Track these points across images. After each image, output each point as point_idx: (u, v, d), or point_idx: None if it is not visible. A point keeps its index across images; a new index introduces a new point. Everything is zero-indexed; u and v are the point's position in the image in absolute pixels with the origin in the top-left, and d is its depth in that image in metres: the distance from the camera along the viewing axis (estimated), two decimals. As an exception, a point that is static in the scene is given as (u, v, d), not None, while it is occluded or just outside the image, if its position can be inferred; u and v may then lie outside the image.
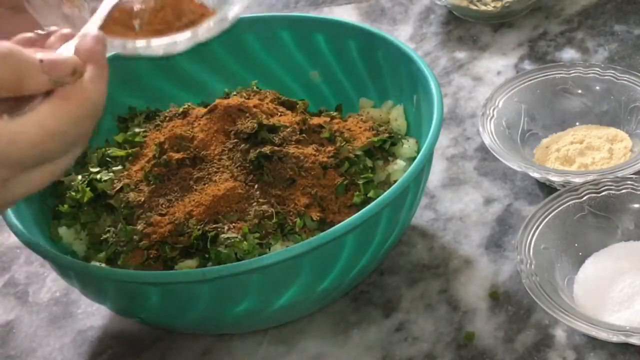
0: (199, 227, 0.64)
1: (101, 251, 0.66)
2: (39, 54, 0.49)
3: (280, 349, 0.67)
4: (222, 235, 0.64)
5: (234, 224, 0.64)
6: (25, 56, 0.49)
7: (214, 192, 0.66)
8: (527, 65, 0.91)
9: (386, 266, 0.72)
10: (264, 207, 0.65)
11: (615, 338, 0.60)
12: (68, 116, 0.49)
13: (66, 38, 0.53)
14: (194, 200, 0.66)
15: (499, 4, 0.97)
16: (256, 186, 0.67)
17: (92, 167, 0.72)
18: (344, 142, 0.70)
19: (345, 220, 0.59)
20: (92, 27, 0.54)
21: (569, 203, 0.70)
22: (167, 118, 0.74)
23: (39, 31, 0.54)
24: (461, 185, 0.79)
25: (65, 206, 0.69)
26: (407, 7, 1.05)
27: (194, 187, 0.67)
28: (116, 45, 0.57)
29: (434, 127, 0.66)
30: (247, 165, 0.67)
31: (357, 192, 0.67)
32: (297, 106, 0.75)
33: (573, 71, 0.82)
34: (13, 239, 0.76)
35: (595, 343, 0.64)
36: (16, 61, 0.48)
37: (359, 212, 0.60)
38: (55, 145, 0.49)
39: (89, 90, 0.50)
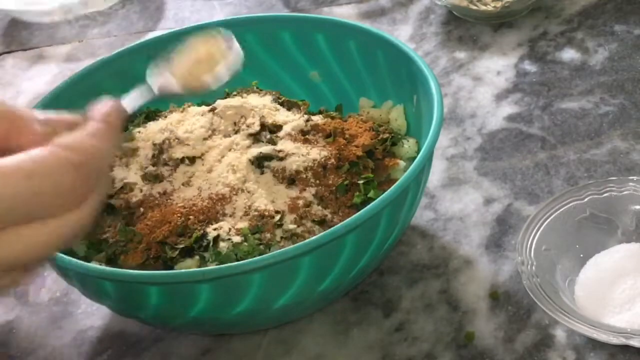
0: (199, 227, 0.64)
1: (101, 251, 0.66)
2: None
3: (280, 349, 0.67)
4: (222, 235, 0.64)
5: (234, 224, 0.64)
6: (17, 108, 0.48)
7: (214, 192, 0.66)
8: (527, 65, 0.91)
9: (386, 266, 0.72)
10: (264, 207, 0.65)
11: (615, 340, 0.60)
12: (56, 163, 0.45)
13: None
14: (194, 200, 0.66)
15: (499, 4, 0.97)
16: (256, 186, 0.66)
17: (92, 167, 0.72)
18: (344, 143, 0.70)
19: (345, 220, 0.59)
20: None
21: (570, 204, 0.69)
22: (167, 118, 0.74)
23: None
24: (461, 185, 0.79)
25: (65, 206, 0.69)
26: (407, 7, 1.05)
27: (194, 187, 0.67)
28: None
29: (434, 127, 0.65)
30: (248, 165, 0.67)
31: (357, 192, 0.67)
32: (298, 106, 0.75)
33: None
34: (13, 239, 0.76)
35: (595, 343, 0.64)
36: (6, 109, 0.47)
37: (359, 212, 0.59)
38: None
39: (86, 142, 0.46)
